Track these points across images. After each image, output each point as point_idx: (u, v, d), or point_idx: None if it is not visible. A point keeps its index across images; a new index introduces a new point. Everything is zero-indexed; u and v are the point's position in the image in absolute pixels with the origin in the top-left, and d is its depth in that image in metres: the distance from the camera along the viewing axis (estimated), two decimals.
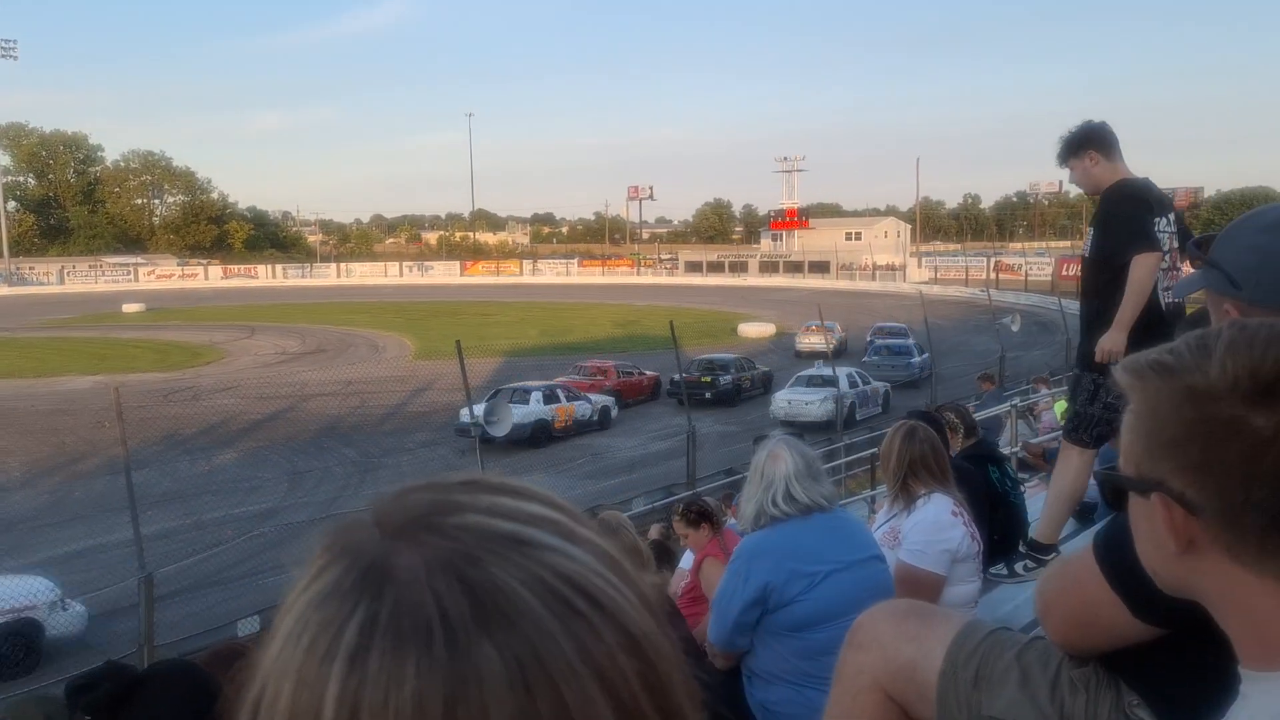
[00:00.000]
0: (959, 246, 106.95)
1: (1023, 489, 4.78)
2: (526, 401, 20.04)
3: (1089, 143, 3.78)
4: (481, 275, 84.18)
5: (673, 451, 16.90)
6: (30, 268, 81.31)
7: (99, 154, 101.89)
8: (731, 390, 24.90)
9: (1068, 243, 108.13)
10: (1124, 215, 3.69)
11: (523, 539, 0.47)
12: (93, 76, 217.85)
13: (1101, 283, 3.66)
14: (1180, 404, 0.83)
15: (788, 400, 21.88)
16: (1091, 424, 3.66)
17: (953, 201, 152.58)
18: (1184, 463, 0.83)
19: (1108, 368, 3.56)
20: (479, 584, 0.44)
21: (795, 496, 2.73)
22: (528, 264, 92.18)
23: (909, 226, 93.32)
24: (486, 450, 13.64)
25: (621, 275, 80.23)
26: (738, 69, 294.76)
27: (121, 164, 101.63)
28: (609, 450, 20.06)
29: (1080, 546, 1.40)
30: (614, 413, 23.01)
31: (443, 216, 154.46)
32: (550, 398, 20.96)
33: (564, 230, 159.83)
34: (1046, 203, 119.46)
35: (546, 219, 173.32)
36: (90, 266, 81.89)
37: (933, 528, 3.30)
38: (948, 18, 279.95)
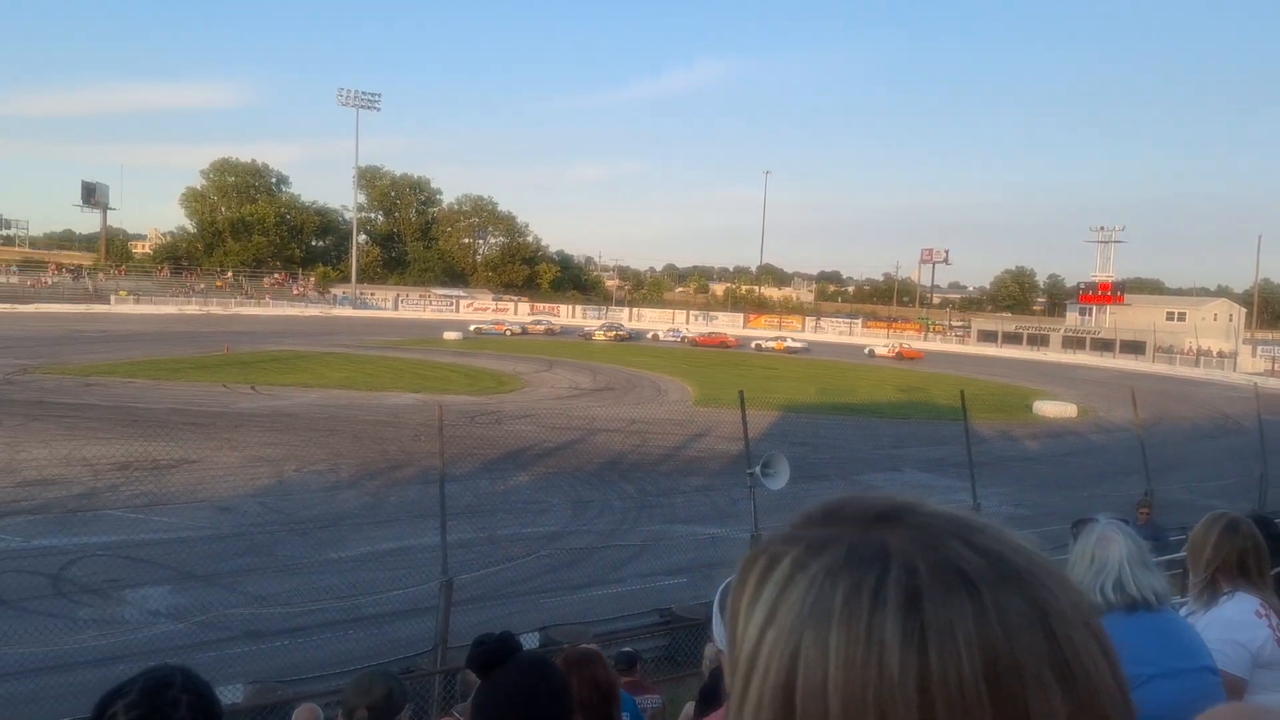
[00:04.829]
0: None
1: None
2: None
3: None
4: (764, 329, 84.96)
5: None
6: (371, 294, 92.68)
7: (438, 196, 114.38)
8: None
9: None
10: None
11: (974, 523, 0.54)
12: (437, 125, 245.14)
13: None
14: None
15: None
16: None
17: None
18: None
19: None
20: (984, 547, 0.52)
21: (1126, 587, 2.53)
22: (810, 321, 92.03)
23: (1244, 310, 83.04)
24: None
25: (907, 339, 77.76)
26: (1048, 131, 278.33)
27: (455, 206, 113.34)
28: None
29: None
30: None
31: (730, 269, 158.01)
32: None
33: (849, 289, 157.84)
34: None
35: (833, 277, 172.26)
36: (420, 296, 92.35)
37: (1229, 625, 2.97)
38: None
